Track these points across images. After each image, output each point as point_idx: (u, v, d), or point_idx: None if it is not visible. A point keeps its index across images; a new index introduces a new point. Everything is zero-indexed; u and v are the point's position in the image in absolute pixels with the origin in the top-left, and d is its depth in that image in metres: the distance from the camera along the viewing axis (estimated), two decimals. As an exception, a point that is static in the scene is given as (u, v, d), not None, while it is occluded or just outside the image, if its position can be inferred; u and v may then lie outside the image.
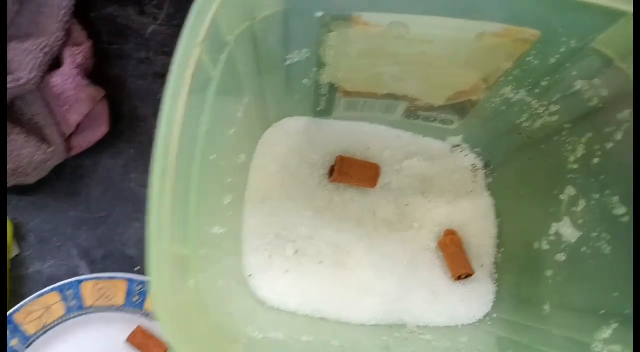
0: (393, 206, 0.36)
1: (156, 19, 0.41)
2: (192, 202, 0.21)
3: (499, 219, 0.36)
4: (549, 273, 0.29)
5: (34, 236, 0.37)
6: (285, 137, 0.35)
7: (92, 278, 0.35)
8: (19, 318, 0.34)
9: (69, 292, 0.35)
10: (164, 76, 0.19)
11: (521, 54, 0.26)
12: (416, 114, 0.34)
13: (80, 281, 0.35)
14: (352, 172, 0.35)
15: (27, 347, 0.34)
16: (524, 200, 0.33)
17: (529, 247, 0.32)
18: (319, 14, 0.24)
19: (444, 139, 0.37)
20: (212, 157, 0.24)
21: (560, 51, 0.25)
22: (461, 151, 0.37)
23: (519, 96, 0.29)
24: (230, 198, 0.29)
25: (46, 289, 0.34)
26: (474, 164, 0.37)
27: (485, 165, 0.37)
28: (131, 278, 0.35)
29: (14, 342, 0.34)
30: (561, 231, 0.29)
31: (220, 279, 0.26)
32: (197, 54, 0.20)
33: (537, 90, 0.28)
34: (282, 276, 0.33)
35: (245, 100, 0.29)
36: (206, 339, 0.21)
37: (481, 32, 0.24)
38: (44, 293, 0.34)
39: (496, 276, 0.35)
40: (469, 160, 0.37)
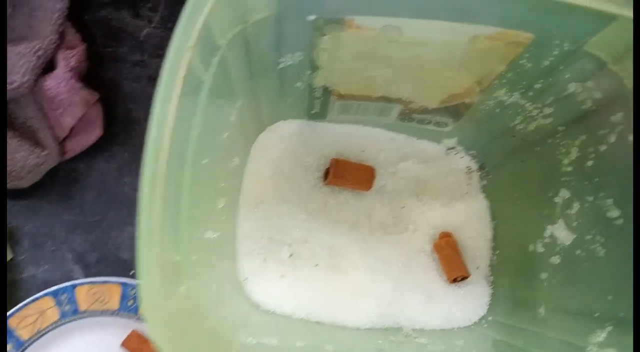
0: (388, 208, 0.36)
1: (150, 22, 0.41)
2: (183, 207, 0.21)
3: (494, 221, 0.36)
4: (543, 276, 0.29)
5: (28, 240, 0.37)
6: (279, 141, 0.35)
7: (87, 282, 0.35)
8: (13, 323, 0.34)
9: (63, 296, 0.35)
10: (158, 79, 0.19)
11: (514, 57, 0.26)
12: (410, 116, 0.34)
13: (74, 286, 0.35)
14: (347, 174, 0.35)
15: (21, 352, 0.34)
16: (519, 202, 0.33)
17: (524, 250, 0.31)
18: (312, 17, 0.24)
19: (438, 142, 0.37)
20: (204, 161, 0.24)
21: (554, 54, 0.24)
22: (456, 153, 0.37)
23: (512, 99, 0.29)
24: (223, 202, 0.29)
25: (40, 294, 0.34)
26: (468, 166, 0.37)
27: (480, 168, 0.37)
28: (125, 282, 0.35)
29: (8, 348, 0.33)
30: (556, 233, 0.29)
31: (214, 283, 0.26)
32: (188, 57, 0.20)
33: (530, 93, 0.28)
34: (276, 279, 0.32)
35: (238, 104, 0.28)
36: (198, 346, 0.21)
37: (474, 35, 0.24)
38: (38, 298, 0.34)
39: (491, 278, 0.35)
40: (463, 162, 0.37)
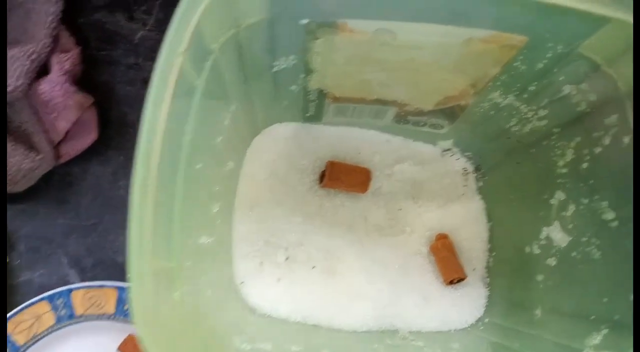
0: (384, 210, 0.36)
1: (145, 25, 0.41)
2: (176, 213, 0.21)
3: (490, 222, 0.36)
4: (540, 277, 0.29)
5: (24, 244, 0.37)
6: (274, 144, 0.34)
7: (82, 287, 0.35)
8: (8, 328, 0.34)
9: (59, 301, 0.34)
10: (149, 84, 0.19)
11: (508, 60, 0.25)
12: (406, 118, 0.34)
13: (70, 290, 0.35)
14: (342, 177, 0.35)
15: (17, 357, 0.34)
16: (515, 204, 0.33)
17: (520, 251, 0.31)
18: (304, 21, 0.24)
19: (434, 143, 0.37)
20: (198, 166, 0.24)
21: (547, 56, 0.24)
22: (452, 155, 0.37)
23: (507, 101, 0.29)
24: (218, 206, 0.29)
25: (35, 299, 0.34)
26: (464, 168, 0.37)
27: (476, 169, 0.37)
28: (121, 286, 0.35)
29: (4, 353, 0.33)
30: (551, 235, 0.29)
31: (209, 289, 0.26)
32: (179, 63, 0.20)
33: (525, 95, 0.28)
34: (273, 282, 0.32)
35: (232, 108, 0.28)
36: (192, 353, 0.21)
37: (468, 38, 0.24)
38: (34, 303, 0.34)
39: (488, 280, 0.35)
40: (459, 164, 0.37)
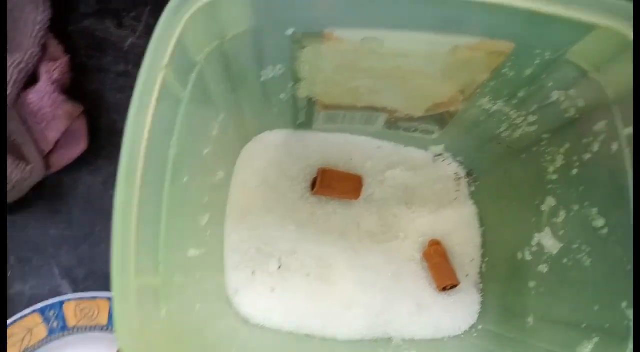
0: (376, 217, 0.35)
1: (135, 32, 0.41)
2: (162, 227, 0.21)
3: (483, 228, 0.35)
4: (532, 284, 0.29)
5: (15, 256, 0.36)
6: (264, 151, 0.34)
7: (75, 298, 0.34)
8: (-1, 341, 0.33)
9: (51, 313, 0.34)
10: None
11: (497, 66, 0.25)
12: (396, 124, 0.34)
13: (62, 302, 0.34)
14: (334, 184, 0.35)
15: (9, 371, 0.33)
16: (507, 209, 0.33)
17: (512, 258, 0.31)
18: (290, 31, 0.23)
19: (426, 149, 0.36)
20: (184, 180, 0.24)
21: (535, 63, 0.24)
22: (443, 160, 0.37)
23: (496, 107, 0.29)
24: (207, 218, 0.29)
25: (27, 311, 0.34)
26: (456, 173, 0.37)
27: (468, 174, 0.37)
28: (113, 297, 0.34)
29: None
30: (543, 241, 0.29)
31: (198, 303, 0.26)
32: (162, 76, 0.20)
33: (514, 101, 0.28)
34: (265, 292, 0.32)
35: (220, 118, 0.28)
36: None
37: (455, 45, 0.24)
38: (25, 315, 0.34)
39: (481, 285, 0.34)
40: (451, 169, 0.37)
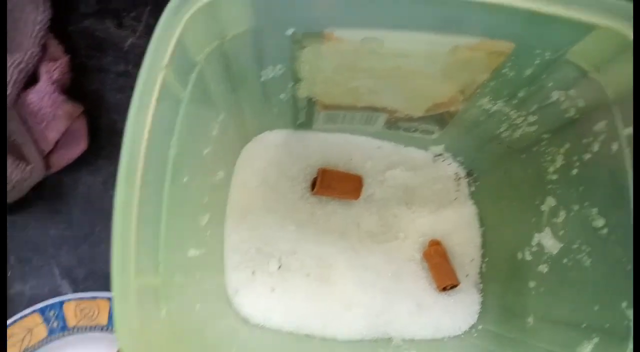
0: (376, 217, 0.35)
1: (135, 31, 0.41)
2: (162, 228, 0.21)
3: (483, 228, 0.35)
4: (532, 284, 0.29)
5: (15, 256, 0.36)
6: (264, 151, 0.34)
7: (75, 298, 0.34)
8: (-1, 341, 0.33)
9: (51, 313, 0.34)
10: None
11: (496, 66, 0.25)
12: (396, 124, 0.34)
13: (62, 302, 0.34)
14: (334, 184, 0.35)
15: (9, 371, 0.33)
16: (507, 209, 0.33)
17: (512, 258, 0.31)
18: (290, 31, 0.23)
19: (426, 149, 0.36)
20: (184, 180, 0.24)
21: (535, 63, 0.24)
22: (443, 160, 0.37)
23: (496, 107, 0.29)
24: (207, 217, 0.29)
25: (27, 311, 0.34)
26: (456, 173, 0.37)
27: (468, 174, 0.37)
28: (113, 297, 0.34)
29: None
30: (543, 241, 0.29)
31: (198, 302, 0.26)
32: (162, 77, 0.20)
33: (514, 101, 0.28)
34: (265, 292, 0.32)
35: (220, 118, 0.28)
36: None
37: (455, 45, 0.24)
38: (25, 315, 0.34)
39: (481, 285, 0.34)
40: (451, 169, 0.37)
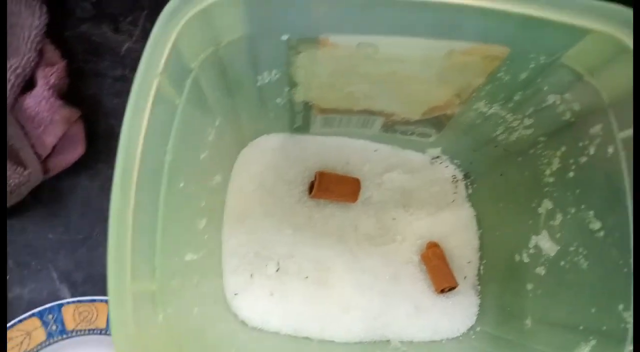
0: (374, 219, 0.36)
1: (131, 36, 0.41)
2: (158, 234, 0.21)
3: (481, 230, 0.35)
4: (529, 286, 0.29)
5: (13, 260, 0.37)
6: (261, 155, 0.34)
7: (73, 302, 0.35)
8: (-2, 346, 0.33)
9: (50, 317, 0.34)
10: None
11: (492, 70, 0.25)
12: (393, 128, 0.34)
13: (60, 305, 0.34)
14: (332, 187, 0.35)
15: (8, 375, 0.33)
16: (504, 211, 0.33)
17: (510, 260, 0.31)
18: (285, 37, 0.23)
19: (423, 151, 0.36)
20: (181, 185, 0.24)
21: (530, 67, 0.24)
22: (441, 163, 0.37)
23: (492, 110, 0.29)
24: (205, 222, 0.29)
25: (25, 315, 0.34)
26: (453, 176, 0.37)
27: (465, 177, 0.37)
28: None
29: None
30: (540, 244, 0.29)
31: (197, 306, 0.26)
32: (156, 84, 0.20)
33: (510, 105, 0.28)
34: (263, 295, 0.32)
35: (216, 123, 0.28)
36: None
37: (450, 50, 0.24)
38: (24, 319, 0.34)
39: (479, 287, 0.34)
40: (449, 171, 0.37)
